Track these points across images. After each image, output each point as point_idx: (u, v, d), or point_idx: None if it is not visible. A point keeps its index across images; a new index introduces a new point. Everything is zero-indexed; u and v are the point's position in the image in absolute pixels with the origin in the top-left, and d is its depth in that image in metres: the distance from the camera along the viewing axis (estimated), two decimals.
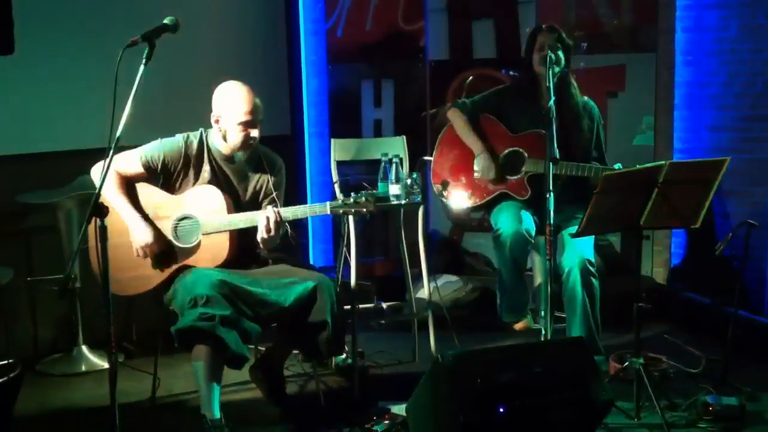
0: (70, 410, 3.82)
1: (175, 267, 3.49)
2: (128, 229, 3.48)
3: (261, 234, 3.38)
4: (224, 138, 3.53)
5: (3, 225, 4.27)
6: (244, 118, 3.48)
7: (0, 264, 4.03)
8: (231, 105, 3.48)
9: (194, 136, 3.59)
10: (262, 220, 3.38)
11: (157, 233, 3.46)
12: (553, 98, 3.55)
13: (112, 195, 3.44)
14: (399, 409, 3.49)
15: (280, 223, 3.38)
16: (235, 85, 3.52)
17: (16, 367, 3.46)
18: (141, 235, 3.45)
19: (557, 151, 3.50)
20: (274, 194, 3.61)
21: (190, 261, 3.49)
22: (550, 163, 3.47)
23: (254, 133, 3.51)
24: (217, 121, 3.52)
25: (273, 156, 3.71)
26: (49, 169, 4.35)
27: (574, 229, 3.53)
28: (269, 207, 3.43)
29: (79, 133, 4.36)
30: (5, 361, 3.51)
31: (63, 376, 4.21)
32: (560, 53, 3.99)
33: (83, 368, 4.27)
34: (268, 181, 3.63)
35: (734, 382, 3.81)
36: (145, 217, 3.48)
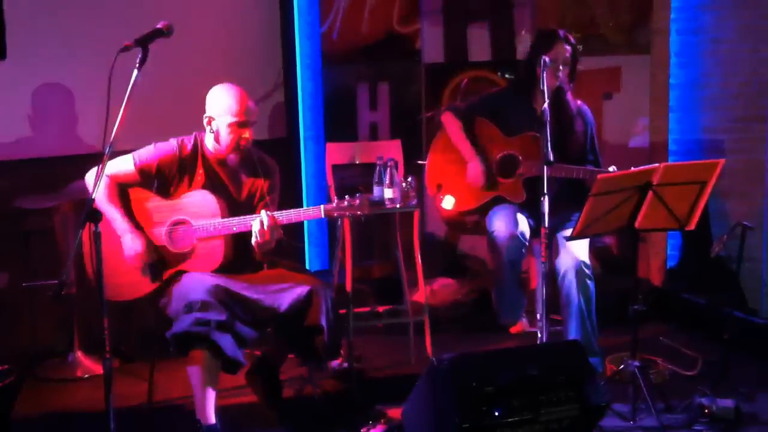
0: (67, 415, 3.82)
1: (169, 272, 3.49)
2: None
3: (255, 238, 3.38)
4: (216, 139, 3.53)
5: (0, 229, 4.26)
6: (236, 118, 3.47)
7: None
8: (223, 106, 3.47)
9: (188, 140, 3.59)
10: (256, 224, 3.37)
11: (147, 243, 3.46)
12: (547, 101, 3.55)
13: (103, 204, 3.44)
14: (396, 412, 3.49)
15: (274, 227, 3.38)
16: (228, 87, 3.51)
17: (13, 372, 3.46)
18: (131, 247, 3.45)
19: (552, 153, 3.50)
20: (268, 198, 3.61)
21: (184, 266, 3.49)
22: (545, 166, 3.47)
23: (246, 134, 3.51)
24: (209, 122, 3.52)
25: (267, 160, 3.71)
26: (45, 174, 4.35)
27: (569, 231, 3.53)
28: (263, 211, 3.43)
29: (75, 138, 4.36)
30: (2, 366, 3.51)
31: (60, 380, 4.20)
32: (567, 68, 4.03)
33: (80, 373, 4.26)
34: (263, 185, 3.63)
35: (730, 384, 3.81)
36: (136, 227, 3.48)
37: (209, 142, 3.57)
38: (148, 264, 3.47)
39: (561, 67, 3.96)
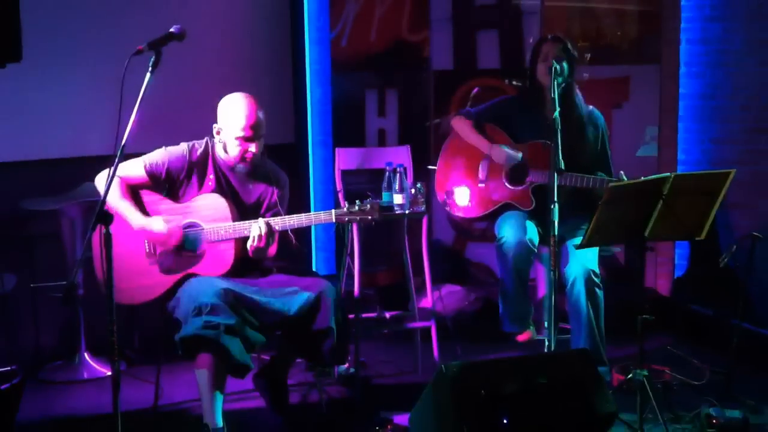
0: (72, 418, 3.81)
1: (179, 275, 3.49)
2: (133, 237, 3.48)
3: (250, 242, 3.39)
4: (225, 149, 3.54)
5: (7, 231, 4.27)
6: (242, 133, 3.48)
7: (4, 270, 4.03)
8: (231, 119, 3.48)
9: (200, 145, 3.60)
10: (254, 229, 3.39)
11: (170, 226, 3.45)
12: (558, 109, 3.55)
13: (116, 200, 3.44)
14: (402, 419, 3.48)
15: (269, 234, 3.39)
16: (239, 99, 3.51)
17: (18, 374, 3.46)
18: (157, 231, 3.44)
19: (562, 161, 3.49)
20: (278, 208, 3.62)
21: (194, 269, 3.49)
22: (555, 174, 3.47)
23: (252, 148, 3.51)
24: (218, 133, 3.54)
25: (279, 171, 3.72)
26: (53, 176, 4.35)
27: (578, 239, 3.52)
28: (260, 218, 3.44)
29: (84, 141, 4.37)
30: (7, 368, 3.51)
31: (65, 383, 4.20)
32: (565, 64, 4.00)
33: (85, 376, 4.26)
34: (273, 194, 3.64)
35: (738, 395, 3.81)
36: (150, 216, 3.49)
37: (220, 148, 3.58)
38: (176, 246, 3.46)
39: (555, 64, 3.88)
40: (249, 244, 3.41)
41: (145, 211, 3.51)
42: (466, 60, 5.43)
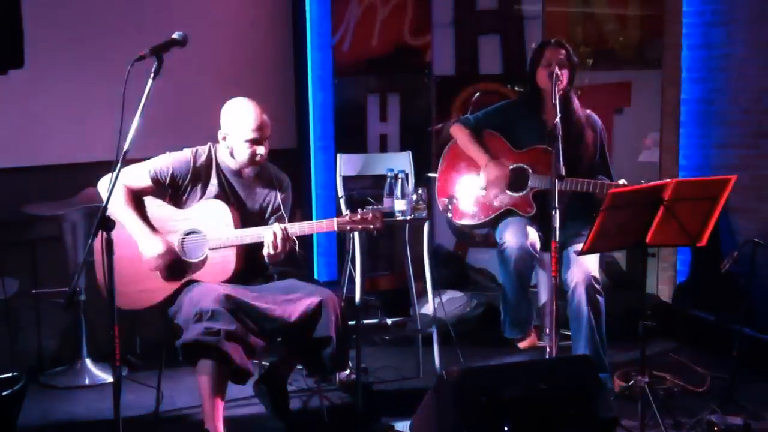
0: (73, 423, 3.81)
1: (181, 281, 3.49)
2: (134, 243, 3.48)
3: (267, 249, 3.38)
4: (231, 154, 3.54)
5: (9, 236, 4.27)
6: (251, 135, 3.48)
7: (6, 275, 4.03)
8: (237, 122, 3.49)
9: (203, 151, 3.60)
10: (269, 235, 3.38)
11: (166, 245, 3.46)
12: (559, 114, 3.55)
13: (119, 209, 3.44)
14: (403, 426, 3.48)
15: (286, 239, 3.38)
16: (243, 102, 3.52)
17: (19, 379, 3.46)
18: (150, 248, 3.45)
19: (562, 167, 3.49)
20: (282, 212, 3.62)
21: (196, 275, 3.49)
22: (556, 180, 3.47)
23: (261, 150, 3.52)
24: (224, 138, 3.54)
25: (281, 175, 3.73)
26: (55, 182, 4.36)
27: (579, 245, 3.52)
28: (276, 223, 3.43)
29: (86, 146, 4.37)
30: (9, 373, 3.51)
31: (66, 388, 4.21)
32: (566, 71, 4.00)
33: (87, 381, 4.26)
34: (276, 199, 3.64)
35: (739, 401, 3.80)
36: (153, 230, 3.48)
37: (224, 154, 3.58)
38: (166, 265, 3.46)
39: (558, 70, 3.88)
40: (265, 251, 3.40)
41: (147, 221, 3.51)
42: (468, 65, 5.44)
